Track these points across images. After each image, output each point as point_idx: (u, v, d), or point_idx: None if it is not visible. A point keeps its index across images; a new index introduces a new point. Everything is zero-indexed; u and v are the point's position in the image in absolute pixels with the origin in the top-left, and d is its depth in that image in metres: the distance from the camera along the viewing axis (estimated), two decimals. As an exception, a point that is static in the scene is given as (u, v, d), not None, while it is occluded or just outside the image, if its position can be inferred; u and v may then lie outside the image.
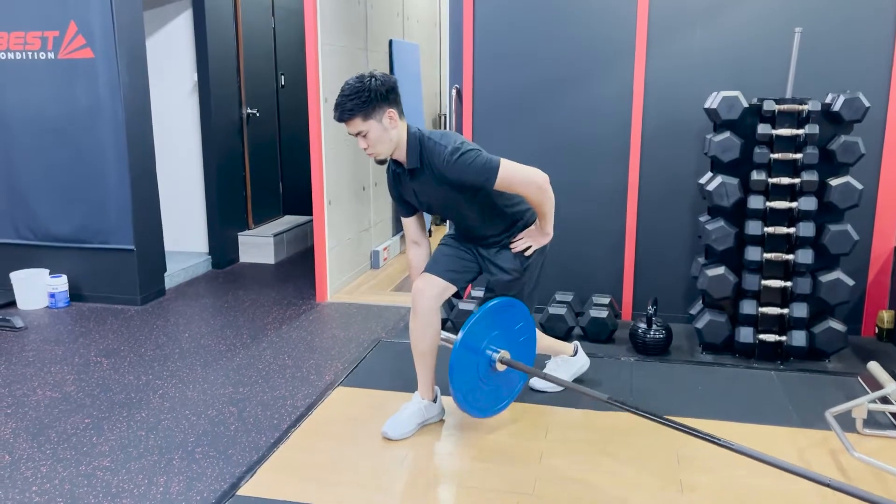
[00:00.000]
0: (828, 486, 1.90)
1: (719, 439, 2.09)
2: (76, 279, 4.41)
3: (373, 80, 2.41)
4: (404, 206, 2.75)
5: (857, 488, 1.90)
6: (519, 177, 2.46)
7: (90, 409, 2.98)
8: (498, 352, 2.63)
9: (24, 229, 4.41)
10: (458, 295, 2.81)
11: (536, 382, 3.08)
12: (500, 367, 2.64)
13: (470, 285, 2.77)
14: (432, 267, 2.71)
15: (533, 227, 2.71)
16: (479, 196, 2.56)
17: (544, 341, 3.02)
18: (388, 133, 2.46)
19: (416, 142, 2.50)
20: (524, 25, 3.85)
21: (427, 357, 2.72)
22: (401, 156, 2.54)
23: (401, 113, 2.49)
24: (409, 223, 2.80)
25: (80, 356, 3.56)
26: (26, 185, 4.34)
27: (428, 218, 2.80)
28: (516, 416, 2.86)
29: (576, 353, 3.13)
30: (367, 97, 2.39)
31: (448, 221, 2.87)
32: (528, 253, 2.69)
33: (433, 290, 2.65)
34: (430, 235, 2.96)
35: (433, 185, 2.54)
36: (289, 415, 2.91)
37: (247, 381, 3.25)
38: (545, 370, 3.11)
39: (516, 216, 2.69)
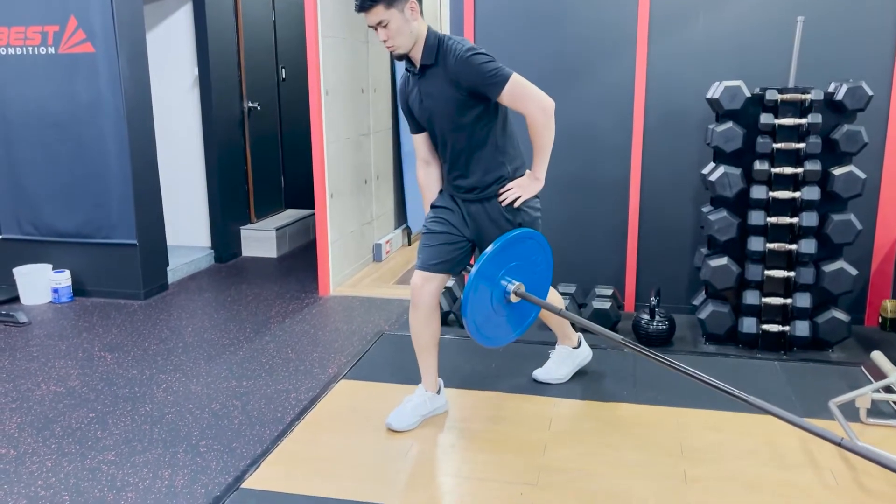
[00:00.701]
0: (839, 444, 1.91)
1: (738, 392, 2.08)
2: (79, 274, 4.42)
3: None
4: (412, 118, 2.68)
5: (868, 448, 1.90)
6: (527, 92, 2.43)
7: (94, 403, 2.99)
8: (513, 283, 2.55)
9: (26, 225, 4.42)
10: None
11: (540, 374, 3.08)
12: (514, 299, 2.56)
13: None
14: (426, 261, 2.66)
15: (523, 176, 2.63)
16: (478, 120, 2.50)
17: (554, 319, 2.99)
18: (409, 24, 2.44)
19: (435, 40, 2.48)
20: (525, 16, 3.84)
21: (429, 350, 2.72)
22: (417, 54, 2.50)
23: (421, 7, 2.46)
24: (419, 140, 2.72)
25: (84, 351, 3.57)
26: (28, 181, 4.34)
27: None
28: (519, 407, 2.87)
29: (579, 344, 3.13)
30: None
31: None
32: (517, 204, 2.60)
33: (431, 286, 2.64)
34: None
35: (442, 86, 2.48)
36: (292, 408, 2.92)
37: (250, 375, 3.25)
38: (547, 365, 3.10)
39: (507, 165, 2.60)
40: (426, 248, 2.68)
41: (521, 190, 2.61)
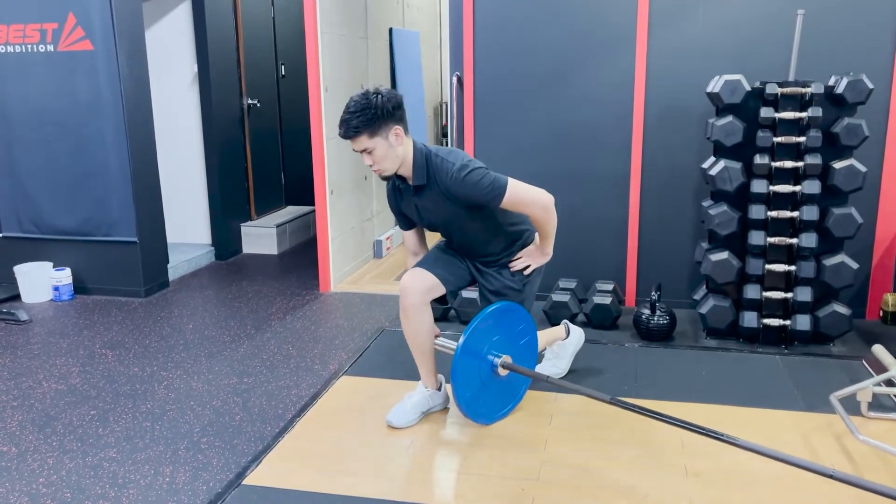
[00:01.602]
0: (831, 477, 1.91)
1: (723, 435, 2.09)
2: (80, 272, 4.42)
3: (378, 96, 2.39)
4: (403, 219, 2.75)
5: (861, 479, 1.91)
6: (526, 197, 2.48)
7: (96, 400, 2.99)
8: (500, 356, 2.62)
9: (27, 223, 4.42)
10: (442, 300, 2.81)
11: (540, 370, 3.08)
12: (503, 373, 2.63)
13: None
14: (422, 263, 2.69)
15: (532, 246, 2.72)
16: (482, 214, 2.56)
17: (541, 339, 3.02)
18: (394, 150, 2.45)
19: (423, 158, 2.49)
20: (525, 12, 3.83)
21: (424, 351, 2.72)
22: (406, 172, 2.53)
23: (406, 129, 2.48)
24: (409, 235, 2.82)
25: (85, 348, 3.57)
26: (29, 179, 4.34)
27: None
28: (521, 403, 2.87)
29: (568, 333, 3.12)
30: (373, 114, 2.38)
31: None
32: (527, 272, 2.71)
33: (420, 286, 2.61)
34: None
35: (439, 201, 2.53)
36: (293, 404, 2.92)
37: (251, 372, 3.25)
38: (544, 363, 3.11)
39: (516, 235, 2.69)
40: (428, 258, 2.74)
41: (531, 260, 2.71)
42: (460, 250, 2.76)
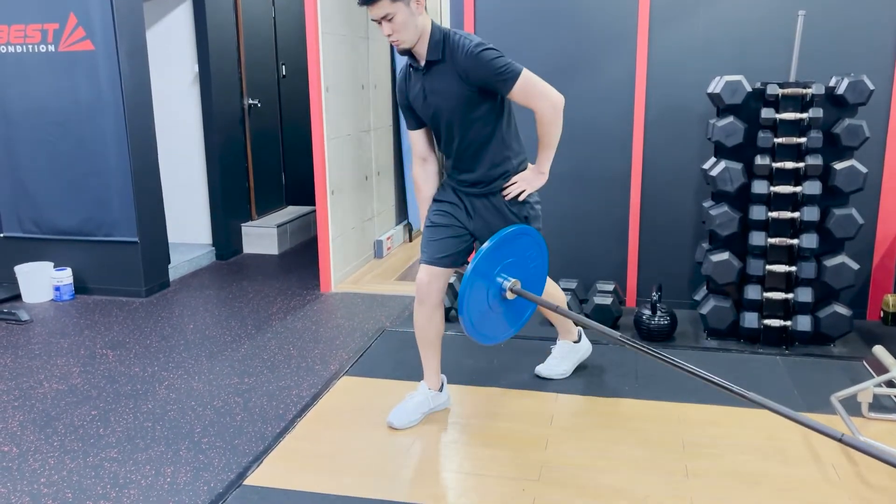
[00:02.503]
0: (840, 440, 1.91)
1: (733, 387, 2.09)
2: (81, 272, 4.42)
3: None
4: (411, 114, 2.65)
5: (868, 443, 1.90)
6: (538, 87, 2.43)
7: (97, 400, 2.99)
8: (509, 280, 2.55)
9: (28, 223, 4.42)
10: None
11: (542, 370, 3.09)
12: (510, 296, 2.56)
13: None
14: (429, 256, 2.65)
15: (527, 170, 2.64)
16: (487, 108, 2.48)
17: (557, 293, 2.98)
18: (414, 18, 2.40)
19: (441, 35, 2.45)
20: (525, 11, 3.83)
21: (432, 346, 2.72)
22: (421, 49, 2.47)
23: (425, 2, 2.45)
24: (417, 136, 2.68)
25: (86, 348, 3.57)
26: (30, 179, 4.34)
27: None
28: (521, 403, 2.87)
29: (579, 339, 3.13)
30: None
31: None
32: (522, 198, 2.61)
33: (437, 283, 2.63)
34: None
35: (450, 82, 2.45)
36: (294, 404, 2.92)
37: (252, 372, 3.26)
38: (548, 361, 3.11)
39: (510, 157, 2.59)
40: (431, 241, 2.66)
41: (526, 184, 2.61)
42: (459, 170, 2.63)
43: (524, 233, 2.60)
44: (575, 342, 3.12)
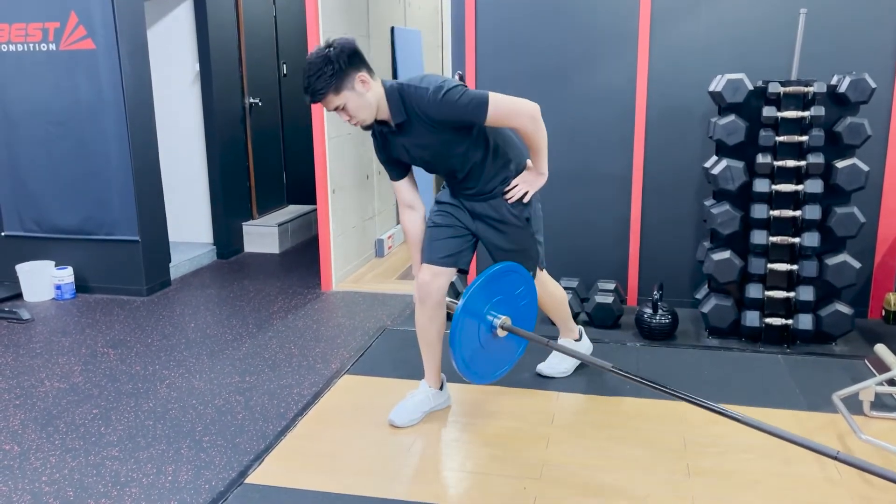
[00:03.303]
0: (835, 458, 1.90)
1: (726, 410, 2.08)
2: (82, 271, 4.43)
3: (331, 49, 2.31)
4: (394, 168, 2.63)
5: (863, 460, 1.90)
6: (510, 108, 2.38)
7: (98, 399, 3.00)
8: (499, 318, 2.57)
9: (29, 222, 4.42)
10: (463, 271, 2.76)
11: (544, 368, 3.08)
12: (501, 333, 2.58)
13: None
14: (431, 256, 2.65)
15: (526, 171, 2.63)
16: (471, 136, 2.47)
17: (560, 308, 2.99)
18: (364, 98, 2.36)
19: (397, 94, 2.40)
20: (526, 10, 3.83)
21: (434, 346, 2.72)
22: (384, 114, 2.44)
23: (371, 72, 2.39)
24: (401, 186, 2.66)
25: (87, 347, 3.58)
26: (31, 178, 4.34)
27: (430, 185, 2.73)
28: (522, 402, 2.87)
29: (580, 337, 3.13)
30: (332, 70, 2.30)
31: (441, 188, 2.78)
32: (526, 199, 2.61)
33: (438, 282, 2.63)
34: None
35: (425, 133, 2.43)
36: (295, 403, 2.92)
37: (253, 371, 3.26)
38: (549, 360, 3.10)
39: (507, 163, 2.59)
40: (434, 241, 2.66)
41: (527, 185, 2.62)
42: (455, 191, 2.66)
43: (511, 270, 2.62)
44: (576, 340, 3.11)
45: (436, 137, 2.45)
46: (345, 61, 2.32)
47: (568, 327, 3.09)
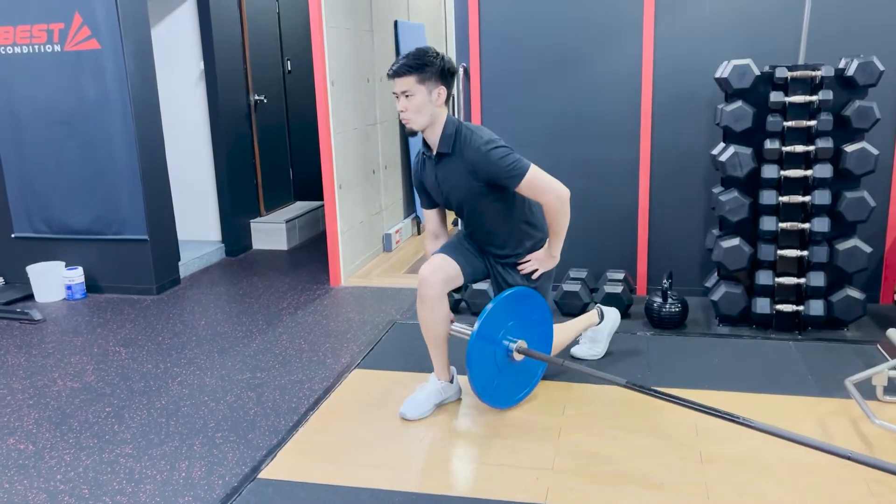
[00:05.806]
0: (849, 458, 1.89)
1: (739, 417, 2.08)
2: (92, 271, 4.44)
3: (442, 56, 2.47)
4: (425, 196, 2.76)
5: (878, 459, 1.89)
6: (543, 183, 2.50)
7: (111, 397, 3.01)
8: (515, 341, 2.62)
9: (38, 223, 4.44)
10: (457, 289, 2.83)
11: (578, 352, 3.14)
12: (518, 357, 2.63)
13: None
14: (443, 251, 2.69)
15: (541, 250, 2.72)
16: (498, 197, 2.57)
17: (570, 331, 3.03)
18: (431, 105, 2.48)
19: (454, 129, 2.52)
20: (530, 1, 3.81)
21: (438, 342, 2.72)
22: (433, 137, 2.55)
23: (449, 98, 2.52)
24: (430, 215, 2.81)
25: (99, 346, 3.59)
26: (39, 179, 4.36)
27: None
28: (534, 392, 2.86)
29: (601, 317, 3.15)
30: (430, 61, 2.44)
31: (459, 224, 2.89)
32: (535, 276, 2.72)
33: (438, 277, 2.63)
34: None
35: (460, 174, 2.54)
36: (306, 398, 2.93)
37: (264, 367, 3.27)
38: (578, 347, 3.15)
39: (528, 235, 2.69)
40: (450, 245, 2.75)
41: (539, 264, 2.72)
42: (473, 238, 2.76)
43: (526, 295, 2.67)
44: (597, 324, 3.15)
45: (465, 182, 2.55)
46: (443, 70, 2.47)
47: (582, 328, 3.13)
